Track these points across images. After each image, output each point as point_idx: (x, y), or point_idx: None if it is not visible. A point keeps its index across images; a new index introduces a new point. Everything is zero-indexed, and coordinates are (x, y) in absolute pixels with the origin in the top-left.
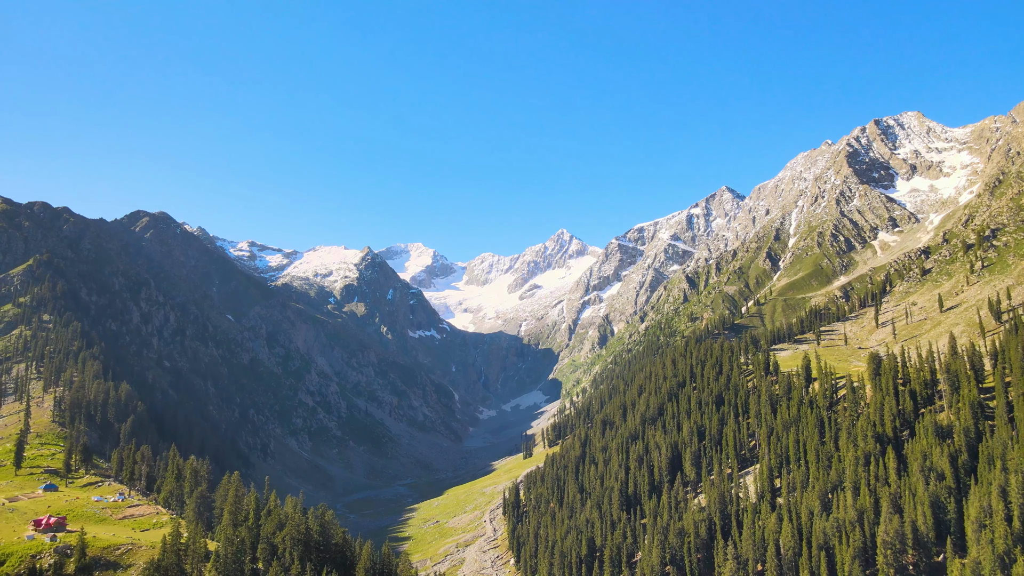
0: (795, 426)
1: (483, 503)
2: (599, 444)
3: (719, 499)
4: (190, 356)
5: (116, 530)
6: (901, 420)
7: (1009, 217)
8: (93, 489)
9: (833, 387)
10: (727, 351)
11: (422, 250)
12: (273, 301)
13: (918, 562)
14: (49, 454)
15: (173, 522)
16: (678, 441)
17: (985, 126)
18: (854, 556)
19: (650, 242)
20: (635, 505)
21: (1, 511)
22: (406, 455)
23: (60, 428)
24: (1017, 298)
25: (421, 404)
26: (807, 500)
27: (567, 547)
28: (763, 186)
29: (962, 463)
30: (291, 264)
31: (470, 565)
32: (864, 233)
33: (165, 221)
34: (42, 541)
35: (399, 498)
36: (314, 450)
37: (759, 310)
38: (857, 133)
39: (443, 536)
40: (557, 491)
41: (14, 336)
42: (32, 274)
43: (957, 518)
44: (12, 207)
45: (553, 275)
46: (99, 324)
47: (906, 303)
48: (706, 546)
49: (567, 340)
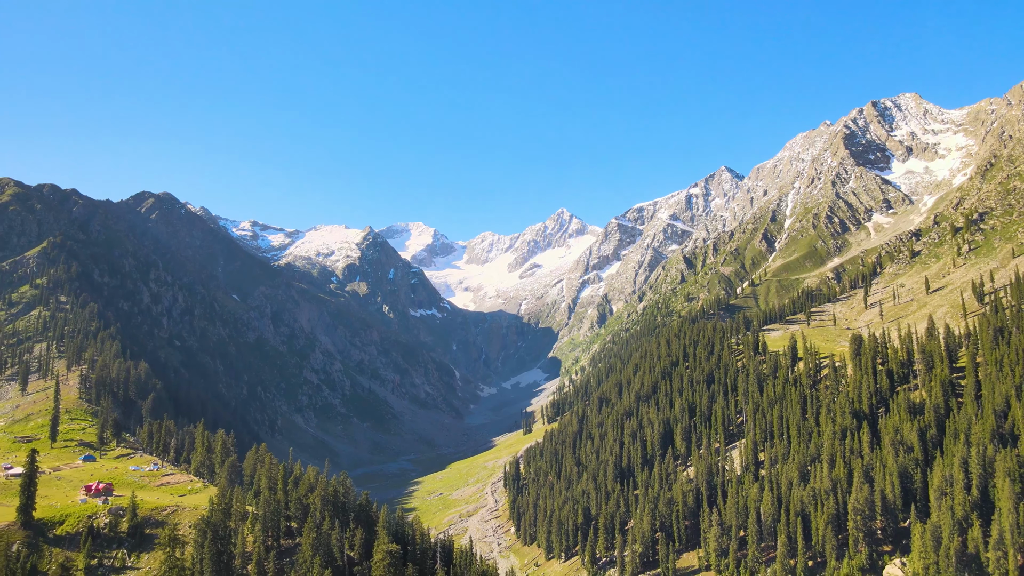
0: (780, 403)
1: (484, 477)
2: (595, 420)
3: (707, 471)
4: (199, 335)
5: (157, 495)
6: (878, 398)
7: (997, 201)
8: (127, 460)
9: (817, 366)
10: (719, 332)
11: (422, 229)
12: (277, 281)
13: (886, 527)
14: (80, 428)
15: (206, 489)
16: (670, 417)
17: (981, 108)
18: (827, 522)
19: (649, 222)
20: (628, 477)
21: (49, 479)
22: (409, 431)
23: (87, 405)
24: (1000, 281)
25: (423, 382)
26: (787, 471)
27: (564, 516)
28: (762, 166)
29: (930, 437)
30: (293, 244)
31: (473, 533)
32: (859, 215)
33: (170, 202)
34: (95, 504)
35: (403, 472)
36: (319, 426)
37: (753, 291)
38: (855, 115)
39: (447, 507)
40: (555, 465)
41: (33, 316)
42: (47, 256)
43: (922, 487)
44: (24, 190)
45: (553, 254)
46: (112, 304)
47: (894, 285)
48: (693, 514)
49: (566, 319)
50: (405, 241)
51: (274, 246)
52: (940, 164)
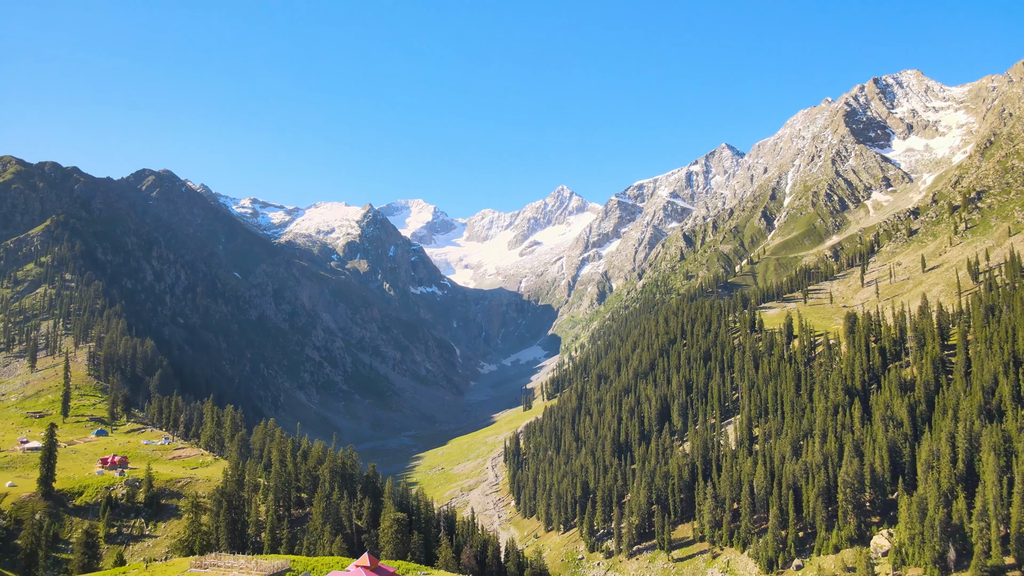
0: (774, 380)
1: (485, 452)
2: (594, 397)
3: (702, 446)
4: (201, 313)
5: (170, 468)
6: (870, 374)
7: (995, 179)
8: (138, 435)
9: (812, 344)
10: (716, 310)
11: (422, 206)
12: (278, 259)
13: (874, 499)
14: (90, 404)
15: (217, 462)
16: (667, 394)
17: (982, 85)
18: (818, 495)
19: (649, 199)
20: (626, 452)
21: (65, 452)
22: (410, 408)
23: (96, 381)
24: (995, 260)
25: (423, 359)
26: (780, 446)
27: (563, 489)
28: (762, 143)
29: (919, 413)
30: (293, 221)
31: (474, 506)
32: (858, 193)
33: (170, 179)
34: (112, 476)
35: (404, 448)
36: (322, 403)
37: (752, 269)
38: (856, 92)
39: (448, 481)
40: (555, 440)
41: (39, 294)
42: (50, 234)
43: (911, 461)
44: (26, 168)
45: (553, 231)
46: (116, 282)
47: (891, 263)
48: (688, 487)
49: (566, 296)
50: (405, 218)
51: (274, 223)
52: (940, 142)
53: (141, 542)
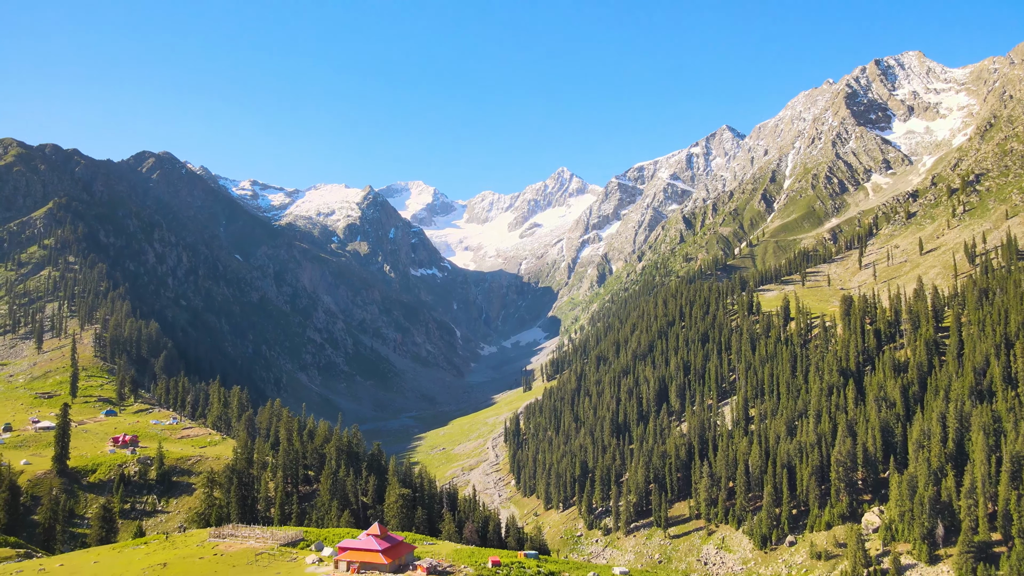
0: (771, 361)
1: (485, 432)
2: (593, 378)
3: (699, 426)
4: (203, 295)
5: (180, 446)
6: (865, 356)
7: (994, 162)
8: (146, 415)
9: (809, 326)
10: (715, 292)
11: (422, 188)
12: (279, 241)
13: (866, 478)
14: (98, 385)
15: (224, 441)
16: (665, 375)
17: (984, 67)
18: (811, 473)
19: (649, 181)
20: (624, 432)
21: (77, 431)
22: (411, 389)
23: (102, 362)
24: (992, 242)
25: (424, 340)
26: (775, 426)
27: (562, 469)
28: (763, 125)
29: (912, 394)
30: (293, 203)
31: (475, 485)
32: (858, 175)
33: (170, 161)
34: (123, 454)
35: (406, 429)
36: (323, 384)
37: (751, 251)
38: (857, 73)
39: (449, 461)
40: (554, 420)
41: (43, 277)
42: (53, 217)
43: (902, 441)
44: (27, 150)
45: (553, 213)
46: (119, 265)
47: (889, 246)
48: (685, 466)
49: (566, 278)
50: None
51: (274, 205)
52: (941, 124)
53: (154, 517)
